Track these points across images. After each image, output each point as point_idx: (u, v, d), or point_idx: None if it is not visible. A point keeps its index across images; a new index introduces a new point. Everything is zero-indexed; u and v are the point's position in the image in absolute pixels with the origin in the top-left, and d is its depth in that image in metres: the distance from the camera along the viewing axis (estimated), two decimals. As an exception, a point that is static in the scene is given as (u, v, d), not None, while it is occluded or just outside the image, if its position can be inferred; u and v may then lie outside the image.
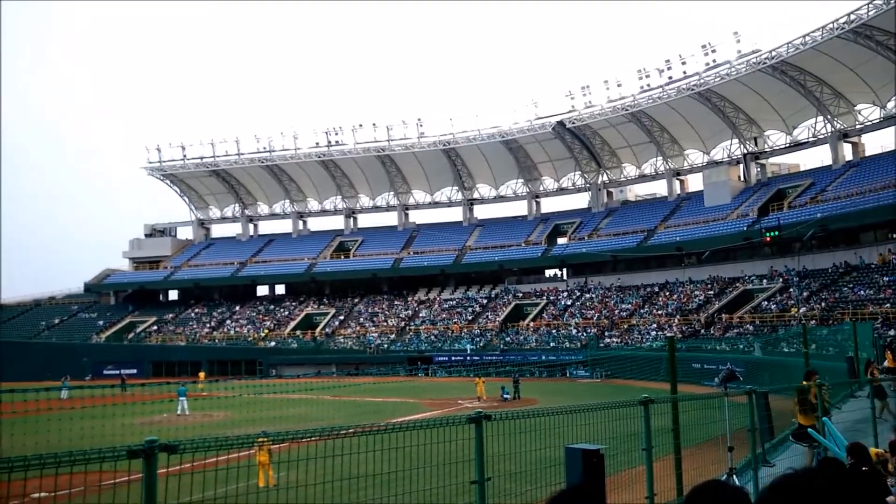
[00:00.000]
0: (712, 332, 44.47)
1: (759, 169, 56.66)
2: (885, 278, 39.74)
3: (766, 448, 11.75)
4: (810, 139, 53.13)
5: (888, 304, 36.33)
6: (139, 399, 34.33)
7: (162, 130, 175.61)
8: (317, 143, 70.06)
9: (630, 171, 65.07)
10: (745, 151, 56.24)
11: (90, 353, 60.86)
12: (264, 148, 71.23)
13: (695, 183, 61.36)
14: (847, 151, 51.37)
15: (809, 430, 8.26)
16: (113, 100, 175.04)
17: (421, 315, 62.91)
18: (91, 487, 3.66)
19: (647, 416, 6.56)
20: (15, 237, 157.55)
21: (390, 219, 74.82)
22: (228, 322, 67.47)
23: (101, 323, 68.92)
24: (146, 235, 79.36)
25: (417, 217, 74.84)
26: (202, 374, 48.18)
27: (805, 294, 42.86)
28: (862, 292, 39.87)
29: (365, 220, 76.51)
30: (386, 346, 58.06)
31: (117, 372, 53.37)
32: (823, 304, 40.48)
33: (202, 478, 4.55)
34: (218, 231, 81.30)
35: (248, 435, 4.21)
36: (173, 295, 76.06)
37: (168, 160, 73.52)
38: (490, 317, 59.19)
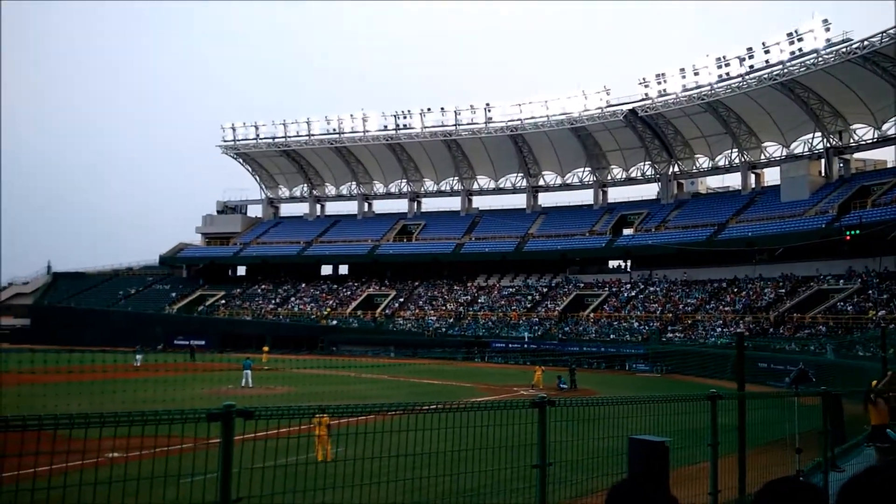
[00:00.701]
0: (782, 331, 42.82)
1: (841, 164, 53.90)
2: (977, 284, 37.29)
3: (837, 452, 11.25)
4: (900, 134, 50.14)
5: (979, 312, 34.12)
6: (207, 368, 35.72)
7: (237, 110, 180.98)
8: (385, 127, 70.74)
9: (703, 162, 63.05)
10: (828, 145, 53.58)
11: (163, 323, 63.67)
12: (334, 130, 72.45)
13: (771, 177, 58.96)
14: (941, 148, 48.26)
15: (888, 430, 7.85)
16: (191, 80, 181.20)
17: (480, 301, 62.95)
18: (169, 449, 3.81)
19: (714, 411, 6.37)
20: (99, 210, 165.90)
21: (453, 203, 75.03)
22: (293, 299, 69.24)
23: (173, 294, 71.90)
24: (218, 212, 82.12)
25: (481, 203, 74.80)
26: (266, 349, 49.64)
27: (885, 297, 40.69)
28: (950, 298, 37.57)
29: (428, 205, 77.01)
30: (444, 329, 58.43)
31: (187, 342, 55.62)
32: (906, 308, 38.33)
33: (263, 446, 4.67)
34: (286, 210, 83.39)
35: (319, 405, 4.31)
36: (241, 270, 78.60)
37: (241, 139, 75.78)
38: (550, 306, 58.69)
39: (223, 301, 70.08)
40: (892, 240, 42.50)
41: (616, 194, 68.77)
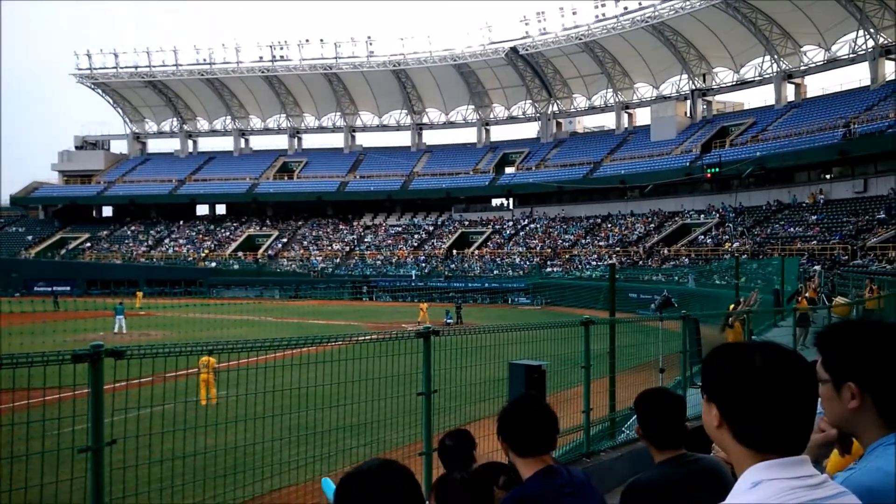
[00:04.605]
0: (650, 263, 45.96)
1: (705, 106, 57.49)
2: (814, 217, 41.55)
3: (695, 371, 12.36)
4: (756, 78, 54.01)
5: (815, 242, 38.14)
6: (73, 316, 33.45)
7: (93, 36, 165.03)
8: (260, 58, 67.27)
9: (580, 102, 65.07)
10: (693, 88, 56.83)
11: (19, 268, 58.61)
12: (204, 60, 68.03)
13: (643, 117, 61.99)
14: (790, 92, 52.49)
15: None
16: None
17: (366, 240, 62.72)
18: (30, 403, 3.52)
19: (588, 336, 6.76)
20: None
21: (336, 140, 73.29)
22: (167, 241, 65.81)
23: (29, 238, 66.18)
24: (76, 147, 75.53)
25: (364, 140, 73.49)
26: (139, 294, 47.07)
27: (739, 230, 44.52)
28: (792, 229, 41.67)
29: (310, 141, 74.73)
30: (330, 270, 57.90)
31: (49, 289, 51.66)
32: (756, 239, 42.18)
33: (139, 394, 4.43)
34: (154, 146, 78.17)
35: (196, 342, 4.10)
36: (107, 211, 73.38)
37: (99, 68, 69.40)
38: (436, 244, 59.51)
39: (88, 244, 65.41)
40: (747, 177, 46.25)
41: (499, 133, 69.94)
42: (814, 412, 1.38)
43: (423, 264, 56.12)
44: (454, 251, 57.37)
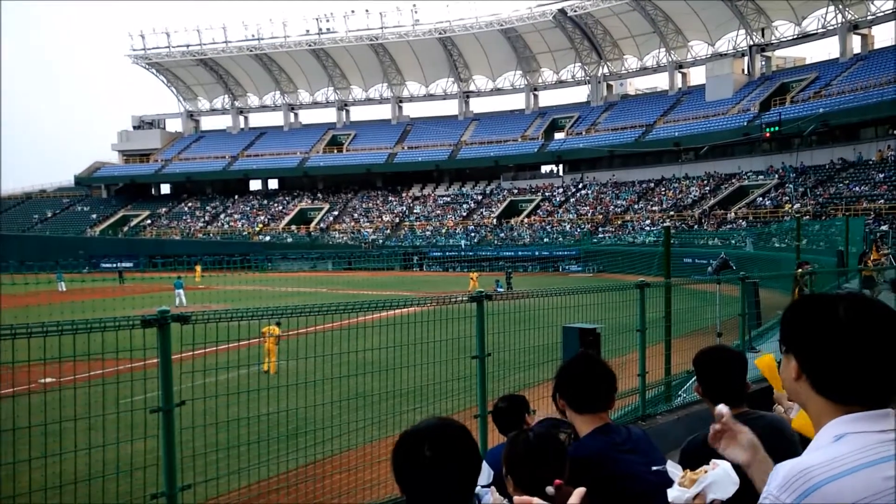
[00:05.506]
0: (705, 227, 44.81)
1: (763, 62, 55.11)
2: (881, 175, 39.64)
3: (753, 335, 12.06)
4: (819, 30, 51.38)
5: (882, 200, 36.43)
6: (138, 291, 34.82)
7: (145, 16, 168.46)
8: (307, 31, 67.55)
9: (631, 63, 63.26)
10: (752, 43, 54.48)
11: (85, 246, 61.13)
12: (252, 36, 68.76)
13: (697, 76, 59.90)
14: (856, 44, 49.80)
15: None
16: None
17: (415, 211, 62.97)
18: (104, 372, 3.70)
19: (643, 299, 6.66)
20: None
21: (383, 112, 73.37)
22: (222, 216, 67.49)
23: (94, 216, 68.85)
24: (134, 127, 77.79)
25: (411, 110, 73.43)
26: (198, 268, 48.49)
27: (800, 190, 42.88)
28: (857, 188, 39.89)
29: (357, 114, 75.05)
30: (381, 241, 58.48)
31: (114, 265, 53.83)
32: (818, 199, 40.58)
33: (204, 362, 4.61)
34: (207, 123, 79.80)
35: (258, 308, 4.21)
36: (165, 189, 75.64)
37: (153, 48, 70.98)
38: (485, 213, 59.30)
39: (148, 221, 67.68)
40: (809, 135, 44.34)
41: (547, 98, 68.77)
42: None
43: (473, 234, 56.09)
44: (503, 220, 57.10)
